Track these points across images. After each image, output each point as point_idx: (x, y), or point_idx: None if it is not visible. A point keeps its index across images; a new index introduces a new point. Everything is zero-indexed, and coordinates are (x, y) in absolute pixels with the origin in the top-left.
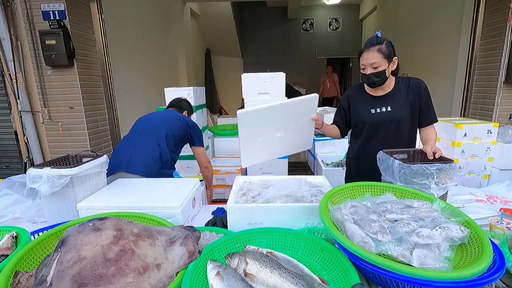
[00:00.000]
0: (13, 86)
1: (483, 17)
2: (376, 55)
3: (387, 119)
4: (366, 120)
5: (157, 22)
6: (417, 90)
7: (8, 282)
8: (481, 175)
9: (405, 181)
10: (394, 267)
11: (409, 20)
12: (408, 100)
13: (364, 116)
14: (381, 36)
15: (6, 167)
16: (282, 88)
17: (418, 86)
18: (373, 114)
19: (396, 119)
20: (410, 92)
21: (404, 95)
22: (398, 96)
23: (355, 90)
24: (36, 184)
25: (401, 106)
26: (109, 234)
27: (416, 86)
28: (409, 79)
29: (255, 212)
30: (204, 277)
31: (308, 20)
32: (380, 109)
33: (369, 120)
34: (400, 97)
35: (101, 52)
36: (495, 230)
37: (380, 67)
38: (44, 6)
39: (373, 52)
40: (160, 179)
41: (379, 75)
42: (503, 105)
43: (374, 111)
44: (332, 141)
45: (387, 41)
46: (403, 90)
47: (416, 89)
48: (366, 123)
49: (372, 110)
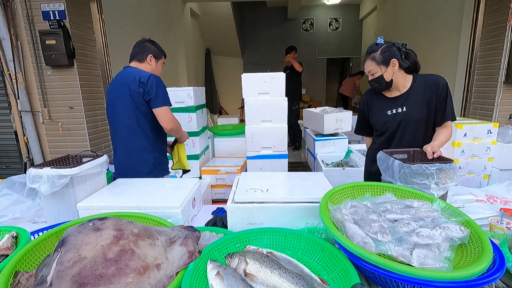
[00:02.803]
0: (13, 86)
1: (483, 17)
2: (370, 63)
3: (403, 120)
4: (383, 122)
5: (157, 22)
6: (435, 88)
7: (8, 282)
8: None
9: (405, 181)
10: (394, 267)
11: (409, 20)
12: (424, 99)
13: (380, 118)
14: (383, 40)
15: (6, 167)
16: (282, 88)
17: (436, 83)
18: (389, 116)
19: (412, 119)
20: (427, 90)
21: (420, 94)
22: (414, 96)
23: (372, 92)
24: (36, 184)
25: (417, 106)
26: (109, 234)
27: (434, 83)
28: (427, 77)
29: (255, 212)
30: (204, 277)
31: (308, 20)
32: (396, 110)
33: (386, 122)
34: (416, 97)
35: (101, 52)
36: (495, 230)
37: (376, 73)
38: (44, 6)
39: (369, 61)
40: (160, 179)
41: (377, 80)
42: (503, 105)
43: (390, 113)
44: (332, 141)
45: (385, 46)
46: (420, 89)
47: (433, 87)
48: (383, 125)
49: (388, 111)
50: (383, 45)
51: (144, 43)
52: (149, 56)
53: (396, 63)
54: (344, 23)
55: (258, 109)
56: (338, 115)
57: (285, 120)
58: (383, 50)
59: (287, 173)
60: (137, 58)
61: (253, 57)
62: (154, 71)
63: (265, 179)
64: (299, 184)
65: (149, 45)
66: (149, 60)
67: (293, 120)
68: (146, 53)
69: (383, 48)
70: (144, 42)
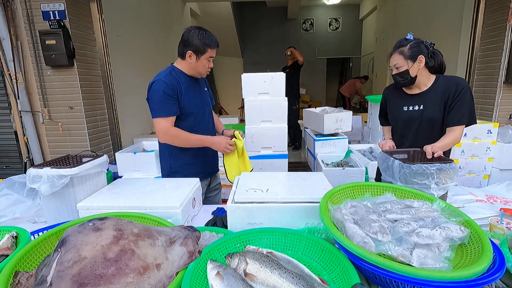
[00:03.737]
0: (13, 86)
1: (483, 17)
2: (397, 57)
3: (418, 118)
4: (398, 117)
5: (157, 22)
6: (453, 89)
7: (8, 282)
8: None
9: (405, 181)
10: (394, 267)
11: (409, 20)
12: (442, 99)
13: (396, 114)
14: (413, 36)
15: (6, 167)
16: (282, 88)
17: (455, 83)
18: (404, 112)
19: (427, 118)
20: (446, 91)
21: (439, 94)
22: (433, 95)
23: (392, 88)
24: (36, 184)
25: (434, 105)
26: (109, 234)
27: (453, 84)
28: (449, 78)
29: (255, 212)
30: (204, 277)
31: (308, 20)
32: (412, 107)
33: (400, 118)
34: (435, 96)
35: (101, 52)
36: (495, 230)
37: (401, 67)
38: (44, 6)
39: (396, 54)
40: (160, 179)
41: (402, 75)
42: (503, 105)
43: (406, 109)
44: (332, 141)
45: (414, 42)
46: (440, 88)
47: (452, 88)
48: (398, 120)
49: (404, 107)
50: (413, 41)
51: (189, 32)
52: (188, 53)
53: (423, 60)
54: (344, 23)
55: (258, 109)
56: (338, 115)
57: (285, 120)
58: (412, 45)
59: (287, 173)
60: (179, 53)
61: (253, 57)
62: (195, 69)
63: (265, 179)
64: (299, 184)
65: (192, 37)
66: (188, 57)
67: (293, 120)
68: (186, 49)
69: (412, 43)
70: (189, 32)
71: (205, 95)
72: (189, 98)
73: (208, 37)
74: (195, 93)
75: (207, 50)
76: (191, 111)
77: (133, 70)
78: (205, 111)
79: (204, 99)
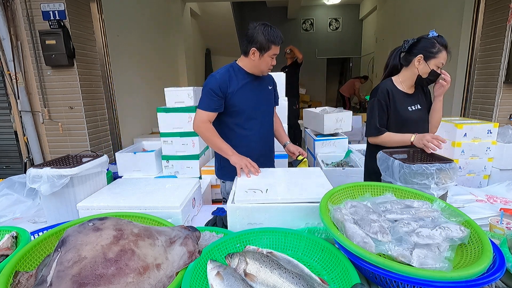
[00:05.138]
0: (13, 86)
1: (483, 17)
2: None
3: (420, 117)
4: (407, 117)
5: (157, 22)
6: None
7: (8, 282)
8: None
9: (405, 181)
10: (394, 267)
11: (409, 20)
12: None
13: (403, 114)
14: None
15: (6, 167)
16: (282, 88)
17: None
18: (410, 112)
19: (425, 116)
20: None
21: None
22: (421, 94)
23: (391, 85)
24: (36, 184)
25: (425, 104)
26: (109, 234)
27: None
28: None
29: (255, 212)
30: (204, 277)
31: (308, 20)
32: (415, 106)
33: (409, 118)
34: (422, 95)
35: (101, 52)
36: (495, 230)
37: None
38: (44, 6)
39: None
40: (160, 179)
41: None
42: (503, 105)
43: (411, 109)
44: (332, 141)
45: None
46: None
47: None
48: (407, 120)
49: (409, 107)
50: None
51: (254, 29)
52: (251, 50)
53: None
54: (344, 23)
55: None
56: (338, 115)
57: (285, 120)
58: None
59: (286, 169)
60: (242, 51)
61: None
62: (257, 67)
63: (264, 178)
64: (298, 183)
65: (256, 34)
66: (252, 54)
67: (293, 120)
68: (250, 46)
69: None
70: (254, 28)
71: (266, 94)
72: (243, 96)
73: (273, 34)
74: (253, 92)
75: (271, 47)
76: (243, 108)
77: (133, 70)
78: (262, 111)
79: (263, 98)
